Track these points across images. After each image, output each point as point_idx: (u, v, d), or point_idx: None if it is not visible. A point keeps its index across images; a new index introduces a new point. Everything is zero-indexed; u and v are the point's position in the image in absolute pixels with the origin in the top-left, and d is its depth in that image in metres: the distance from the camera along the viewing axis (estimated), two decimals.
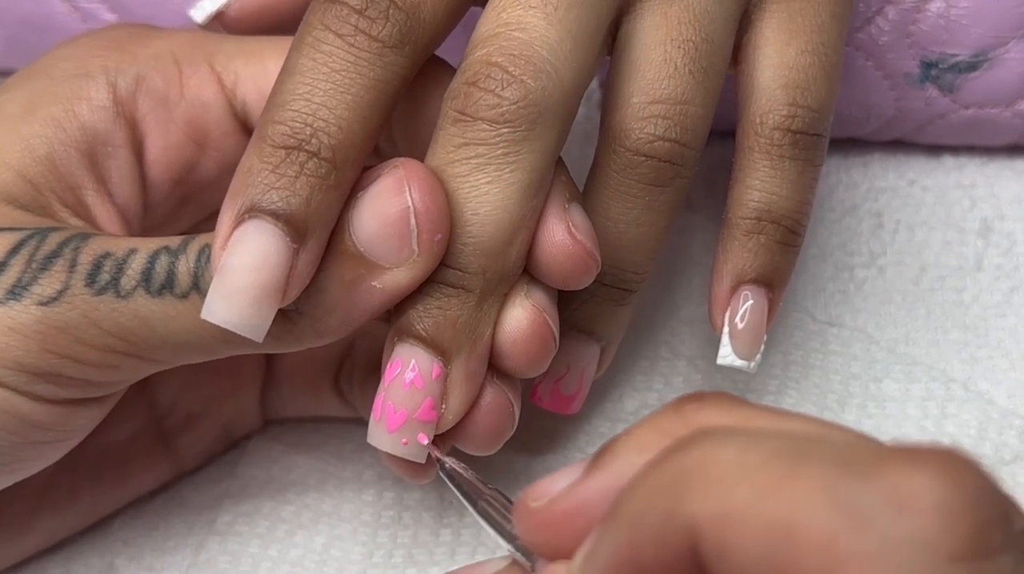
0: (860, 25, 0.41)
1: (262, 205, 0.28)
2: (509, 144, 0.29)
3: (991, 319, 0.41)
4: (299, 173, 0.28)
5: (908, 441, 0.23)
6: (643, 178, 0.32)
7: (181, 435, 0.37)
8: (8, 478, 0.31)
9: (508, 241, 0.29)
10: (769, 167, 0.33)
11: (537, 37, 0.29)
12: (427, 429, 0.30)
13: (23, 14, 0.42)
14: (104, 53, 0.34)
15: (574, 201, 0.31)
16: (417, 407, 0.30)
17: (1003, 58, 0.41)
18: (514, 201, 0.29)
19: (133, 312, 0.29)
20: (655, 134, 0.31)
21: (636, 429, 0.24)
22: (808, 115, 0.33)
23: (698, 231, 0.43)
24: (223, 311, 0.28)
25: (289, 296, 0.28)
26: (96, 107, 0.33)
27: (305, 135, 0.28)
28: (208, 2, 0.37)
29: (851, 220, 0.43)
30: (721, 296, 0.34)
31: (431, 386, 0.30)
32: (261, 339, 0.28)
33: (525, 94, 0.29)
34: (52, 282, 0.29)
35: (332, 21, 0.29)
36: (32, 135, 0.32)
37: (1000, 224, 0.43)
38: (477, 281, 0.29)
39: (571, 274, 0.30)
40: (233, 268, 0.28)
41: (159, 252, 0.30)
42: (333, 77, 0.28)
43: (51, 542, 0.36)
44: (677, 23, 0.32)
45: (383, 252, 0.29)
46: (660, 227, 0.32)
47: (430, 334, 0.30)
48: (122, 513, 0.37)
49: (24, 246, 0.30)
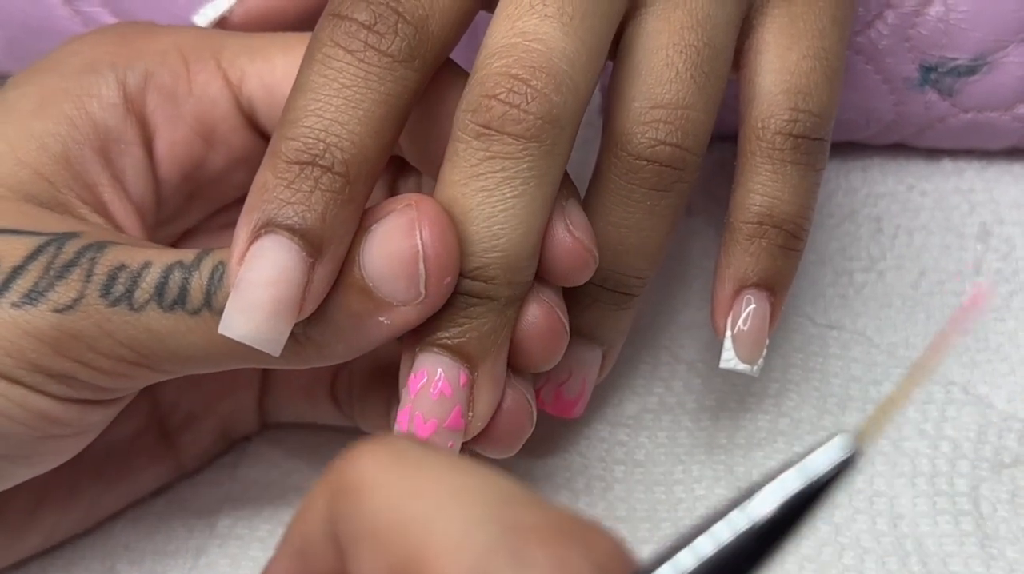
0: (859, 29, 0.41)
1: (278, 220, 0.28)
2: (535, 159, 0.29)
3: (990, 323, 0.41)
4: (314, 188, 0.28)
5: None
6: (645, 182, 0.32)
7: (182, 434, 0.37)
8: (28, 471, 0.32)
9: (532, 252, 0.30)
10: (771, 171, 0.34)
11: (556, 49, 0.29)
12: (456, 437, 0.30)
13: (23, 17, 0.42)
14: (113, 49, 0.34)
15: (571, 198, 0.31)
16: (447, 416, 0.30)
17: (1002, 62, 0.41)
18: (538, 215, 0.29)
19: (145, 326, 0.30)
20: (657, 139, 0.31)
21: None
22: (810, 119, 0.33)
23: (698, 235, 0.43)
24: (240, 326, 0.28)
25: (306, 310, 0.28)
26: (107, 104, 0.33)
27: (318, 150, 0.28)
28: (211, 8, 0.37)
29: (850, 225, 0.44)
30: (723, 300, 0.34)
31: (459, 394, 0.30)
32: (278, 353, 0.28)
33: (550, 109, 0.29)
34: (68, 290, 0.30)
35: (341, 37, 0.29)
36: (46, 133, 0.33)
37: (999, 228, 0.43)
38: (502, 290, 0.30)
39: (570, 270, 0.31)
40: (250, 283, 0.28)
41: (173, 267, 0.30)
42: (344, 92, 0.28)
43: (51, 542, 0.36)
44: (679, 28, 0.32)
45: (391, 290, 0.29)
46: (662, 232, 0.33)
47: (456, 343, 0.30)
48: (123, 516, 0.37)
49: (43, 252, 0.30)
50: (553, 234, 0.30)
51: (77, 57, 0.34)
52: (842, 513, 0.37)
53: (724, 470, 0.38)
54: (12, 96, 0.34)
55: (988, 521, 0.37)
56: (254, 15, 0.37)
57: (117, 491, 0.37)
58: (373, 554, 0.20)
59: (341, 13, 0.29)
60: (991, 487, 0.37)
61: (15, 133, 0.33)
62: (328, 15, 0.30)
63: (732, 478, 0.38)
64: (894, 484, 0.38)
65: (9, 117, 0.33)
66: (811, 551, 0.36)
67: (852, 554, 0.36)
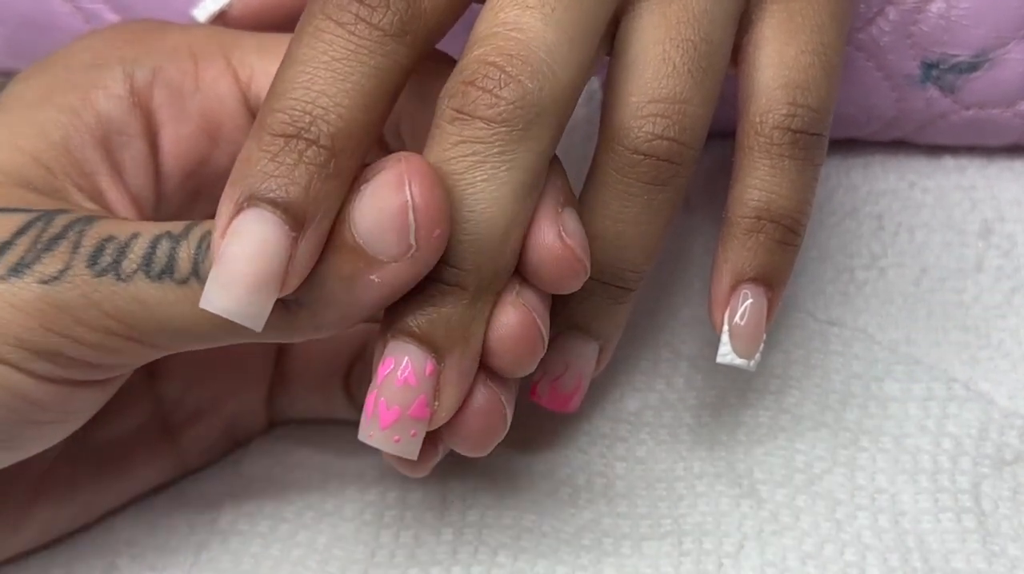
0: (861, 26, 0.41)
1: (261, 193, 0.28)
2: (506, 143, 0.29)
3: (992, 320, 0.41)
4: (298, 161, 0.28)
5: None
6: (642, 177, 0.32)
7: (185, 431, 0.37)
8: (7, 456, 0.31)
9: (503, 239, 0.29)
10: (769, 166, 0.34)
11: (534, 37, 0.29)
12: (419, 426, 0.30)
13: (24, 13, 0.43)
14: (122, 45, 0.35)
15: (568, 206, 0.31)
16: (410, 404, 0.30)
17: (1004, 58, 0.41)
18: (509, 199, 0.29)
19: (132, 295, 0.29)
20: (654, 133, 0.31)
21: None
22: (808, 114, 0.33)
23: (698, 233, 0.44)
24: (221, 300, 0.27)
25: (289, 285, 0.28)
26: (112, 96, 0.33)
27: (304, 123, 0.28)
28: (211, 1, 0.37)
29: (851, 222, 0.44)
30: (720, 295, 0.34)
31: (424, 383, 0.30)
32: (260, 328, 0.28)
33: (523, 94, 0.29)
34: (55, 262, 0.29)
35: (332, 10, 0.29)
36: (47, 120, 0.33)
37: (1000, 226, 0.43)
38: (472, 279, 0.29)
39: (559, 278, 0.30)
40: (231, 257, 0.28)
41: (161, 237, 0.30)
42: (333, 66, 0.28)
43: (48, 537, 0.36)
44: (676, 22, 0.32)
45: (381, 246, 0.28)
46: (659, 226, 0.33)
47: (424, 331, 0.29)
48: (124, 512, 0.38)
49: (31, 227, 0.30)
50: (544, 240, 0.30)
51: (87, 52, 0.35)
52: (844, 510, 0.37)
53: (725, 466, 0.38)
54: (18, 88, 0.34)
55: (990, 518, 0.36)
56: (253, 8, 0.37)
57: (117, 488, 0.37)
58: None
59: None
60: (993, 484, 0.37)
61: (16, 120, 0.33)
62: None
63: (733, 474, 0.38)
64: (896, 481, 0.37)
65: (12, 106, 0.33)
66: (813, 548, 0.36)
67: (853, 550, 0.36)
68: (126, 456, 0.37)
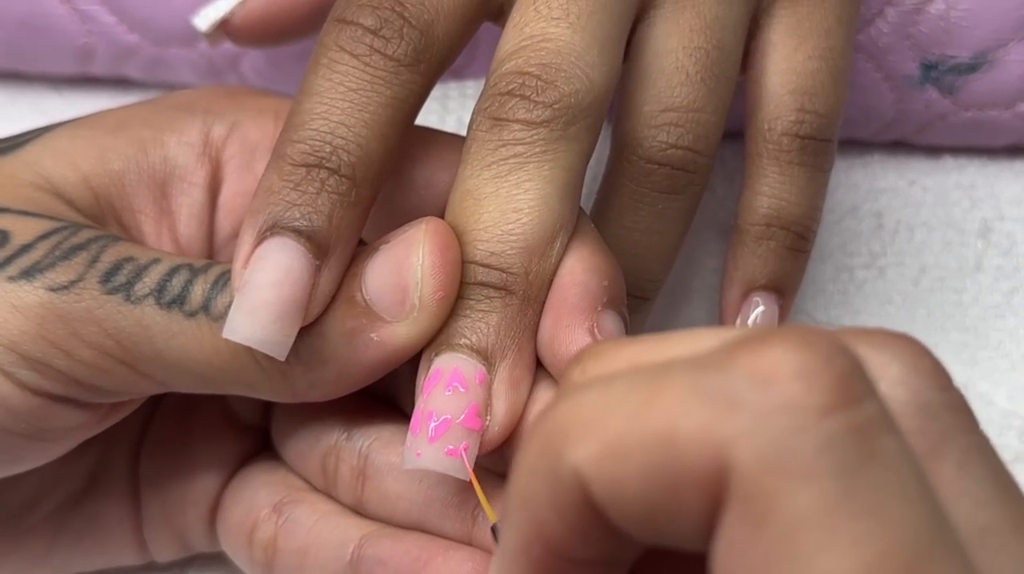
0: (860, 27, 0.41)
1: (284, 222, 0.28)
2: (547, 143, 0.28)
3: (991, 320, 0.41)
4: (320, 190, 0.28)
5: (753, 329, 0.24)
6: (656, 186, 0.32)
7: (146, 530, 0.36)
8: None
9: (550, 240, 0.29)
10: (778, 173, 0.34)
11: (564, 46, 0.29)
12: (472, 438, 0.28)
13: (21, 15, 0.42)
14: (214, 99, 0.34)
15: (610, 310, 0.29)
16: (461, 412, 0.28)
17: (1003, 60, 0.41)
18: (555, 198, 0.29)
19: (137, 319, 0.29)
20: (668, 142, 0.31)
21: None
22: (816, 120, 0.33)
23: (696, 233, 0.43)
24: (245, 328, 0.27)
25: (311, 314, 0.28)
26: (184, 142, 0.33)
27: (325, 153, 0.28)
28: (212, 10, 0.37)
29: (851, 221, 0.44)
30: (732, 303, 0.34)
31: (475, 390, 0.28)
32: (283, 357, 0.28)
33: (559, 97, 0.28)
34: (68, 272, 0.29)
35: (347, 42, 0.29)
36: (112, 148, 0.32)
37: (1000, 225, 0.43)
38: (520, 282, 0.29)
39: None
40: (256, 284, 0.27)
41: (181, 267, 0.29)
42: (350, 96, 0.28)
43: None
44: (689, 30, 0.32)
45: (385, 304, 0.28)
46: (674, 234, 0.32)
47: (473, 338, 0.29)
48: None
49: (55, 234, 0.30)
50: (576, 335, 0.29)
51: (180, 98, 0.35)
52: None
53: None
54: (104, 113, 0.34)
55: None
56: (255, 18, 0.37)
57: (92, 560, 0.35)
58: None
59: (346, 18, 0.29)
60: None
61: (85, 138, 0.32)
62: (333, 20, 0.29)
63: None
64: None
65: (92, 124, 0.33)
66: None
67: None
68: (104, 530, 0.35)
